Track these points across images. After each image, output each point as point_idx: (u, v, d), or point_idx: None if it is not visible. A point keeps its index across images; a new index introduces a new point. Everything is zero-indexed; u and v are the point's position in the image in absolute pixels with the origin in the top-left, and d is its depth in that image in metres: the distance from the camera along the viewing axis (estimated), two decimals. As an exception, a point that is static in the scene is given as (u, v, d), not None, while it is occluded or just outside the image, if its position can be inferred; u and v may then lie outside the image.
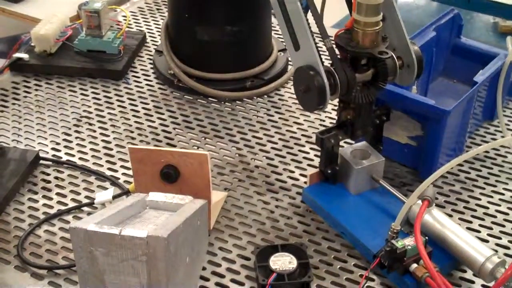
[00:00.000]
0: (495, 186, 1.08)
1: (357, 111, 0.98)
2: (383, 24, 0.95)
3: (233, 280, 0.92)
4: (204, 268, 0.94)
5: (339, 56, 0.95)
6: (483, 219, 1.02)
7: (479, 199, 1.06)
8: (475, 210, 1.04)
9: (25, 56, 1.36)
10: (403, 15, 0.97)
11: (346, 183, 1.03)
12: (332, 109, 1.24)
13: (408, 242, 0.88)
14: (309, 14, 0.94)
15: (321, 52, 0.92)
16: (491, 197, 1.06)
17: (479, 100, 1.17)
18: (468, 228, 1.00)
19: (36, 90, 1.32)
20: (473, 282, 0.92)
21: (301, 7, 0.91)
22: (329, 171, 1.02)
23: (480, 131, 1.21)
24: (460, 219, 1.02)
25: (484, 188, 1.08)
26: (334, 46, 0.94)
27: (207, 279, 0.93)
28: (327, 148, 1.00)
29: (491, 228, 1.00)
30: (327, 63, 0.93)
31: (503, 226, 1.01)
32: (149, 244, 0.71)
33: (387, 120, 1.05)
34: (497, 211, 1.04)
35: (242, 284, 0.92)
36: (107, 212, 0.80)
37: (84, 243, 0.73)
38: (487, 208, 1.04)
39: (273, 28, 1.37)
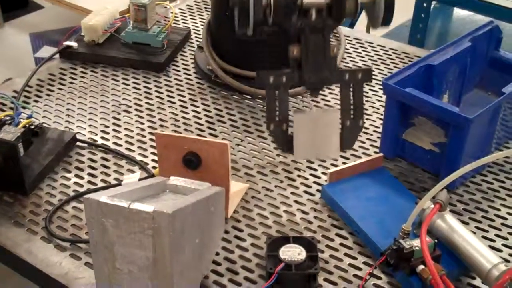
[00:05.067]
0: (517, 198, 1.08)
1: (304, 47, 0.83)
2: None
3: (243, 267, 0.95)
4: (217, 253, 0.97)
5: None
6: (499, 229, 1.02)
7: (499, 210, 1.06)
8: (493, 220, 1.03)
9: (74, 44, 1.43)
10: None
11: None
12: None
13: (417, 243, 0.88)
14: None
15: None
16: (511, 208, 1.06)
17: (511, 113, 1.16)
18: (483, 237, 1.00)
19: (82, 77, 1.39)
20: (480, 289, 0.92)
21: None
22: (272, 127, 0.84)
23: (510, 143, 1.20)
24: (476, 227, 1.02)
25: (505, 200, 1.07)
26: None
27: (218, 264, 0.96)
28: (267, 91, 0.84)
29: (506, 239, 1.00)
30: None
31: (520, 237, 1.01)
32: (154, 219, 0.75)
33: (368, 80, 0.87)
34: (515, 222, 1.03)
35: (251, 271, 0.95)
36: (123, 189, 0.84)
37: (96, 214, 0.77)
38: (506, 219, 1.04)
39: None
